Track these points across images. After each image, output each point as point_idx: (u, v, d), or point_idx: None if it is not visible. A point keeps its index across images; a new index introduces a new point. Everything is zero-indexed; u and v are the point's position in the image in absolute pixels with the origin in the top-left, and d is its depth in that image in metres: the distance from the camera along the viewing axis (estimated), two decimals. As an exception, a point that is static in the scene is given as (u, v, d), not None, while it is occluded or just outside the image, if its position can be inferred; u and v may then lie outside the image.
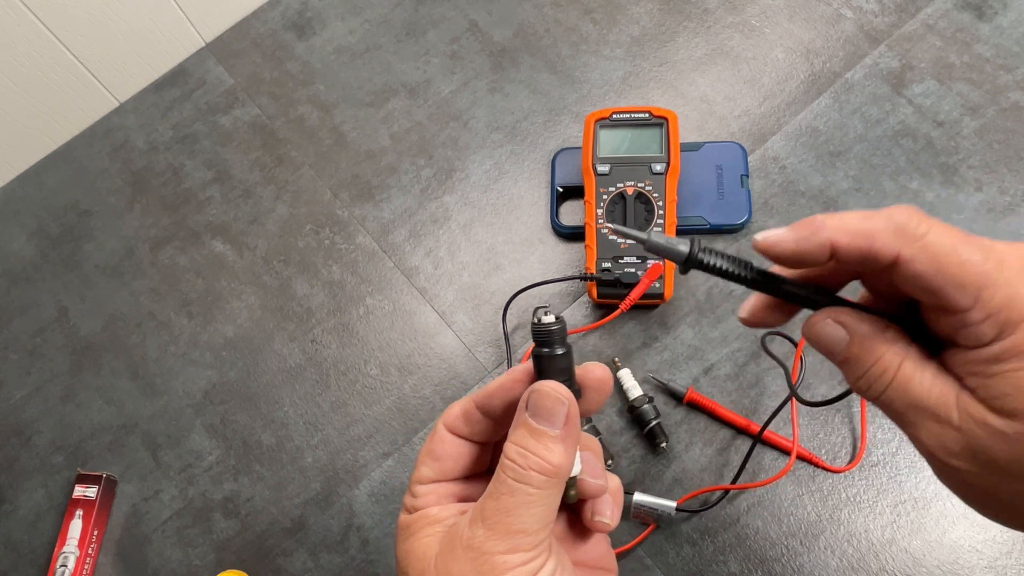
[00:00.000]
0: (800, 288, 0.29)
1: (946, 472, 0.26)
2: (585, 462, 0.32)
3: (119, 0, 0.68)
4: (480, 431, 0.33)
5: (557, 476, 0.29)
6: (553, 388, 0.30)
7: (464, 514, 0.30)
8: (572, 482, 0.31)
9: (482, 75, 0.71)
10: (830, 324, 0.27)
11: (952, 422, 0.24)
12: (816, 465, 0.55)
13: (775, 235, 0.26)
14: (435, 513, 0.31)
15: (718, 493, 0.55)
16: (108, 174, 0.72)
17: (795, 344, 0.57)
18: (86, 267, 0.68)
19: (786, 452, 0.55)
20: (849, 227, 0.25)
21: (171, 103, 0.74)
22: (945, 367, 0.26)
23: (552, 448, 0.29)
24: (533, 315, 0.31)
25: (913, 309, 0.27)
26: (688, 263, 0.29)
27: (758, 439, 0.55)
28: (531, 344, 0.60)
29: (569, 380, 0.31)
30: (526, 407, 0.30)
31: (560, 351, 0.31)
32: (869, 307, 0.28)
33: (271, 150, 0.71)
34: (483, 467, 0.34)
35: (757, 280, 0.29)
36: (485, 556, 0.28)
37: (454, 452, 0.33)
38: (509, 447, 0.29)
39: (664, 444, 0.56)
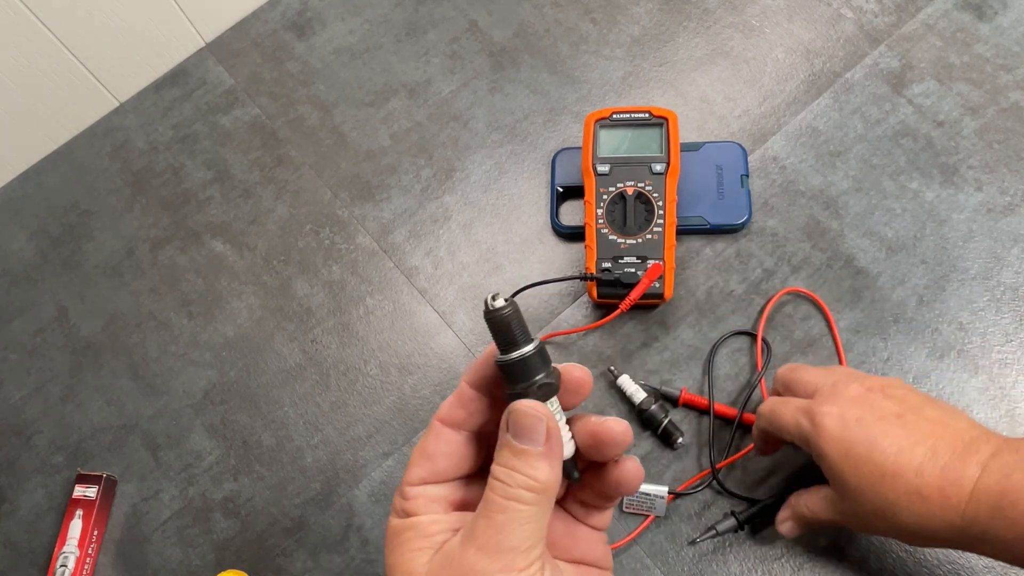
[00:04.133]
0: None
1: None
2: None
3: (119, 0, 0.68)
4: (476, 411, 0.33)
5: (545, 492, 0.30)
6: (530, 407, 0.30)
7: (455, 533, 0.31)
8: (571, 463, 0.32)
9: (482, 75, 0.71)
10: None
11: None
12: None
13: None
14: (425, 524, 0.31)
15: (708, 477, 0.55)
16: (108, 174, 0.72)
17: (754, 338, 0.57)
18: (86, 267, 0.68)
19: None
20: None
21: (171, 103, 0.74)
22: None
23: (537, 465, 0.29)
24: (485, 305, 0.30)
25: None
26: None
27: (738, 422, 0.56)
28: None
29: (547, 375, 0.31)
30: (507, 428, 0.30)
31: (525, 352, 0.30)
32: None
33: (271, 150, 0.71)
34: (475, 466, 0.34)
35: None
36: None
37: (447, 449, 0.32)
38: (496, 468, 0.30)
39: (680, 439, 0.56)
